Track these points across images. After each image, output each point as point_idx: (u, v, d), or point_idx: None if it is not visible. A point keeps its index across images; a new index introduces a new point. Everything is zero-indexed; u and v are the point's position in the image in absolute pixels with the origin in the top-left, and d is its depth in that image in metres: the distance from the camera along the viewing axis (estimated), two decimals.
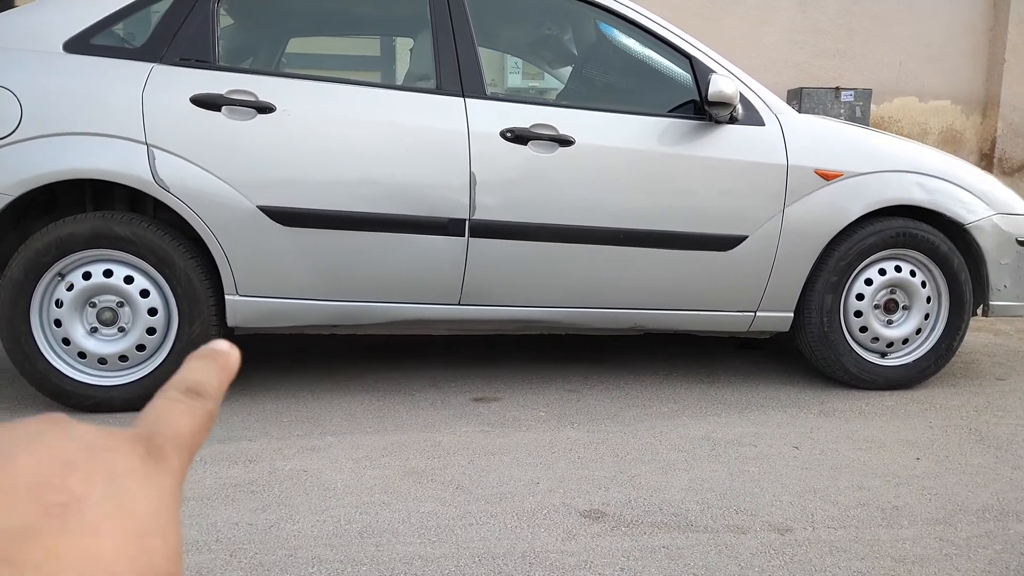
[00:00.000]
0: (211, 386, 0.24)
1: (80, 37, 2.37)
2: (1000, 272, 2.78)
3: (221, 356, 0.25)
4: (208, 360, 0.25)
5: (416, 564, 1.52)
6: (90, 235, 2.32)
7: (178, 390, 0.24)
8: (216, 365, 0.25)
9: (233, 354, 0.25)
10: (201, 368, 0.25)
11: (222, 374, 0.25)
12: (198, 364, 0.25)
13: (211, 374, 0.24)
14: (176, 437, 0.22)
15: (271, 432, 2.24)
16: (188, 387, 0.24)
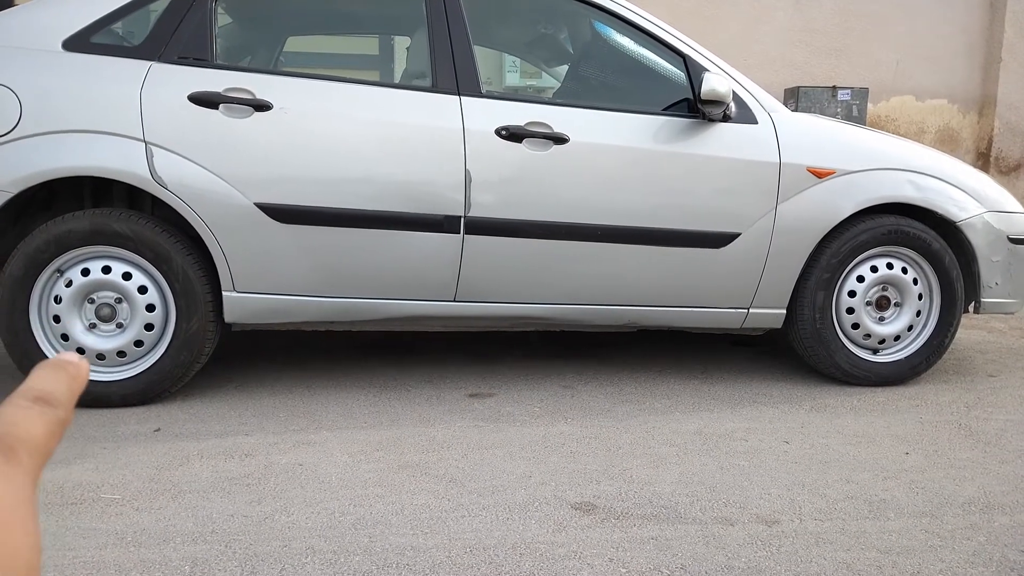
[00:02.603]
0: (60, 395, 0.25)
1: (79, 35, 2.40)
2: (991, 269, 2.80)
3: (71, 367, 0.26)
4: (57, 370, 0.25)
5: (408, 554, 1.54)
6: (89, 232, 2.34)
7: (26, 398, 0.24)
8: (66, 375, 0.25)
9: (83, 366, 0.26)
10: (49, 377, 0.25)
11: (72, 384, 0.25)
12: (46, 373, 0.25)
13: (60, 383, 0.25)
14: (27, 440, 0.23)
15: (267, 427, 2.27)
16: (36, 395, 0.24)
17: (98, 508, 1.73)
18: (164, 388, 2.43)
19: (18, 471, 0.21)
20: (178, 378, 2.43)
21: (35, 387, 0.25)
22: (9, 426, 0.23)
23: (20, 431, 0.23)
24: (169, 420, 2.32)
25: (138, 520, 1.68)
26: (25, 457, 0.22)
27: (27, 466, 0.22)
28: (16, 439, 0.22)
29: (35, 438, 0.23)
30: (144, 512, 1.71)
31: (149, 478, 1.89)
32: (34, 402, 0.24)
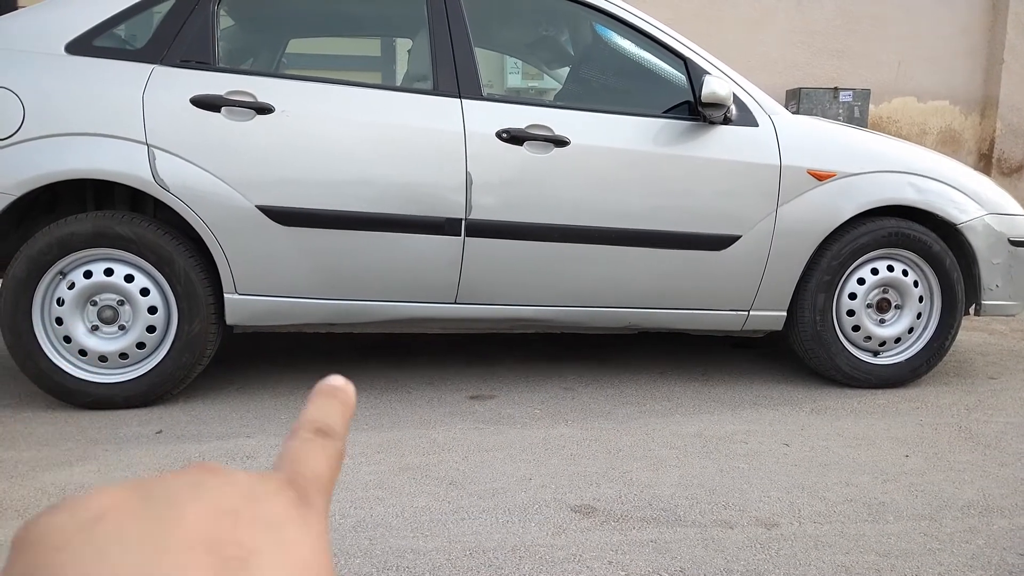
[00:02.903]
0: (337, 424, 0.24)
1: (82, 39, 2.41)
2: (992, 272, 2.80)
3: (341, 393, 0.25)
4: (330, 398, 0.25)
5: (408, 557, 1.55)
6: (91, 234, 2.36)
7: (309, 431, 0.24)
8: (338, 402, 0.25)
9: (350, 389, 0.26)
10: (326, 407, 0.25)
11: (344, 411, 0.25)
12: (322, 403, 0.25)
13: (335, 412, 0.25)
14: (317, 479, 0.22)
15: (269, 429, 2.28)
16: (318, 427, 0.24)
17: None
18: (166, 390, 2.44)
19: (312, 513, 0.21)
20: (180, 380, 2.44)
21: (315, 419, 0.24)
22: (298, 464, 0.22)
23: (308, 470, 0.22)
24: (171, 422, 2.33)
25: None
26: (316, 497, 0.22)
27: (319, 506, 0.22)
28: (308, 479, 0.22)
29: (322, 475, 0.23)
30: None
31: None
32: (316, 434, 0.23)
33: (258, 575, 0.18)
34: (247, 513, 0.19)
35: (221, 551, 0.18)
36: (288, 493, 0.21)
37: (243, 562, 0.18)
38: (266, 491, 0.20)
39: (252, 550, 0.18)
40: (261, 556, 0.18)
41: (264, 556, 0.18)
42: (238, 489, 0.20)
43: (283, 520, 0.19)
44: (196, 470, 0.21)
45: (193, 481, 0.20)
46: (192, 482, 0.20)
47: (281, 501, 0.20)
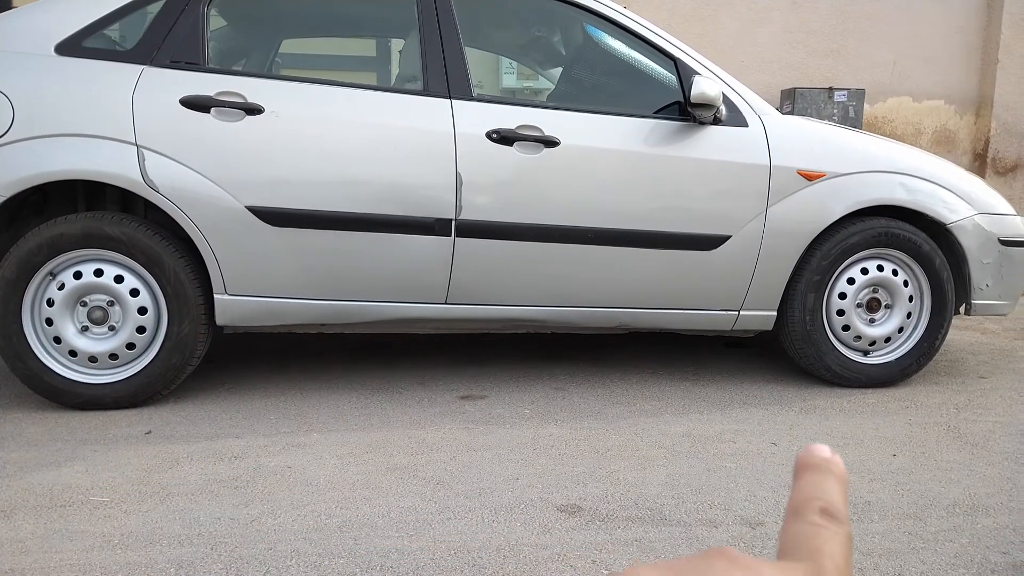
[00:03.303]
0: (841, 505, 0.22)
1: (72, 40, 2.41)
2: (982, 271, 2.81)
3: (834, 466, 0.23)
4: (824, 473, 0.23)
5: (392, 557, 1.55)
6: (81, 235, 2.36)
7: (814, 512, 0.22)
8: (834, 478, 0.23)
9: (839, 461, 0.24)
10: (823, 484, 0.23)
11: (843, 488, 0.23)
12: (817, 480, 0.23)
13: (835, 490, 0.22)
14: (839, 570, 0.20)
15: (258, 429, 2.28)
16: (823, 508, 0.22)
17: (86, 511, 1.74)
18: (156, 391, 2.44)
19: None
20: (170, 381, 2.44)
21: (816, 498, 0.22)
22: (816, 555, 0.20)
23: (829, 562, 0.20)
24: (160, 422, 2.33)
25: (125, 522, 1.69)
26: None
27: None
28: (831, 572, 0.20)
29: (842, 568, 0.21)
30: (132, 514, 1.72)
31: (138, 480, 1.91)
32: (822, 518, 0.21)
33: None
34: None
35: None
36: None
37: None
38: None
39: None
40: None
41: None
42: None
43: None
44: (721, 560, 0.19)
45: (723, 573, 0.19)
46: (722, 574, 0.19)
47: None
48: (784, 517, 0.21)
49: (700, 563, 0.19)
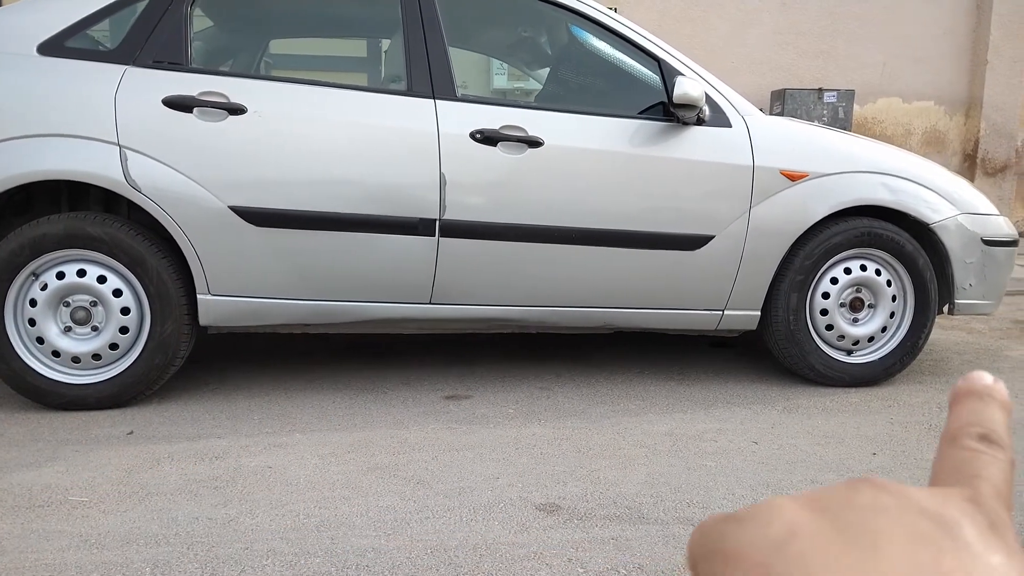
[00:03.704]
0: (1003, 431, 0.21)
1: (54, 40, 2.41)
2: (965, 271, 2.82)
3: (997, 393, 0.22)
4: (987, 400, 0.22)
5: (369, 556, 1.55)
6: (63, 235, 2.36)
7: (972, 438, 0.21)
8: (996, 405, 0.22)
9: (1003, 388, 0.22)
10: (984, 410, 0.21)
11: (1006, 415, 0.21)
12: (978, 406, 0.21)
13: (997, 417, 0.21)
14: (999, 495, 0.19)
15: (240, 429, 2.28)
16: (982, 434, 0.21)
17: (64, 510, 1.74)
18: (139, 391, 2.44)
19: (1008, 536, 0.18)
20: (153, 381, 2.44)
21: (975, 423, 0.21)
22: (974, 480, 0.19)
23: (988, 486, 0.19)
24: (143, 423, 2.33)
25: (103, 522, 1.69)
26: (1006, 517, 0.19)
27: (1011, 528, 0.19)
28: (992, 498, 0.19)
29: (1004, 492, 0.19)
30: (110, 514, 1.72)
31: (118, 481, 1.90)
32: (981, 443, 0.20)
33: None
34: (945, 540, 0.17)
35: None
36: (978, 516, 0.18)
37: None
38: (955, 515, 0.18)
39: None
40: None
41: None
42: (925, 513, 0.18)
43: (985, 548, 0.17)
44: (867, 488, 0.19)
45: (873, 501, 0.18)
46: (872, 503, 0.18)
47: (975, 525, 0.18)
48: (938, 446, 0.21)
49: (845, 491, 0.19)
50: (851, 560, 0.17)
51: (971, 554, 0.17)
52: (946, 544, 0.17)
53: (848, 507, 0.18)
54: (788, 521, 0.18)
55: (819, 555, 0.17)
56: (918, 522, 0.18)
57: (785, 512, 0.19)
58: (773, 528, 0.18)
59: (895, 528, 0.17)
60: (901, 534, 0.17)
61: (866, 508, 0.18)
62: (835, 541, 0.17)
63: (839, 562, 0.17)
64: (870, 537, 0.17)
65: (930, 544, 0.17)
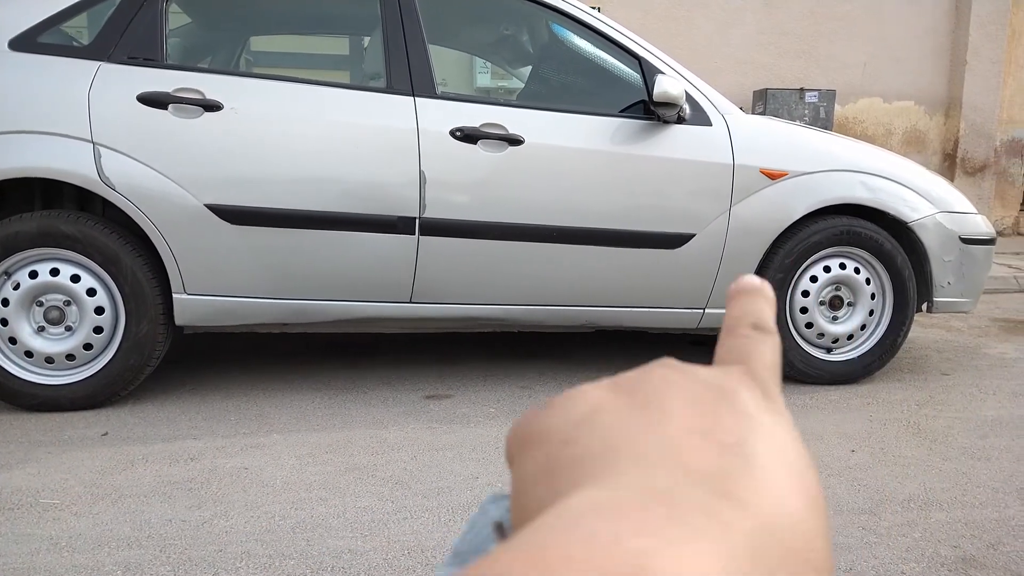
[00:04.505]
0: (770, 321, 0.23)
1: (26, 35, 2.37)
2: (944, 269, 2.84)
3: (764, 289, 0.24)
4: (754, 295, 0.24)
5: (344, 557, 1.54)
6: (36, 234, 2.32)
7: (746, 327, 0.23)
8: (764, 300, 0.24)
9: (769, 287, 0.25)
10: (753, 304, 0.24)
11: (771, 308, 0.24)
12: (747, 300, 0.24)
13: (764, 308, 0.24)
14: (771, 370, 0.21)
15: (217, 430, 2.25)
16: (753, 323, 0.23)
17: (35, 513, 1.71)
18: (114, 392, 2.40)
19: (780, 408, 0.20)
20: (128, 381, 2.41)
21: (747, 314, 0.23)
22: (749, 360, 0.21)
23: (760, 364, 0.21)
24: (118, 424, 2.29)
25: (75, 525, 1.66)
26: (774, 388, 0.21)
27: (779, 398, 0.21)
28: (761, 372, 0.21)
29: (774, 367, 0.22)
30: (82, 517, 1.69)
31: (91, 483, 1.87)
32: (754, 331, 0.23)
33: (756, 457, 0.17)
34: (724, 405, 0.19)
35: (717, 436, 0.18)
36: (751, 386, 0.20)
37: (740, 447, 0.18)
38: (731, 385, 0.20)
39: (742, 438, 0.18)
40: (752, 443, 0.18)
41: (755, 441, 0.18)
42: (708, 384, 0.20)
43: (758, 410, 0.19)
44: (658, 368, 0.21)
45: (662, 377, 0.20)
46: (662, 378, 0.20)
47: (750, 392, 0.20)
48: (719, 337, 0.23)
49: (640, 373, 0.21)
50: (643, 425, 0.18)
51: (746, 415, 0.19)
52: (724, 408, 0.19)
53: (642, 384, 0.20)
54: (590, 401, 0.20)
55: (615, 424, 0.19)
56: (702, 392, 0.19)
57: (588, 394, 0.20)
58: (576, 409, 0.20)
59: (682, 397, 0.19)
60: (687, 402, 0.19)
61: (658, 383, 0.20)
62: (630, 412, 0.19)
63: (632, 428, 0.18)
64: (659, 405, 0.19)
65: (711, 408, 0.19)
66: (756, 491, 0.17)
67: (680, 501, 0.16)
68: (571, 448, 0.19)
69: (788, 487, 0.17)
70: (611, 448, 0.18)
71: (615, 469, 0.17)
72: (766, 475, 0.17)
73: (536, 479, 0.19)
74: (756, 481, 0.17)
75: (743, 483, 0.17)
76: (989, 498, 1.88)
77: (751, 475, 0.17)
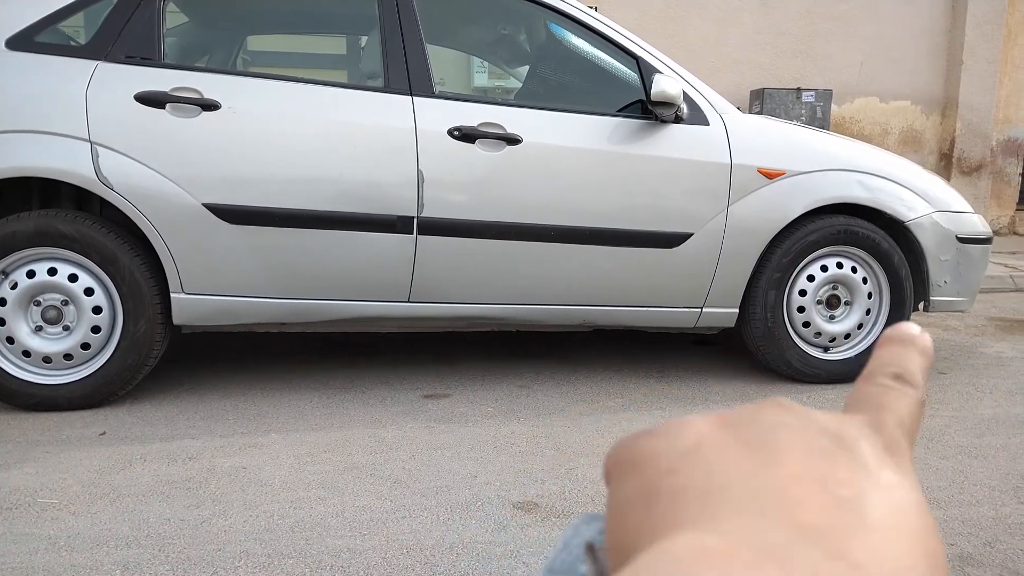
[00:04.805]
0: (917, 373, 0.22)
1: (24, 34, 2.37)
2: (940, 268, 2.84)
3: (919, 341, 0.23)
4: (907, 346, 0.23)
5: (343, 556, 1.54)
6: (34, 233, 2.31)
7: (886, 376, 0.22)
8: (916, 351, 0.23)
9: (928, 338, 0.23)
10: (902, 353, 0.23)
11: (924, 361, 0.23)
12: (898, 350, 0.23)
13: (914, 360, 0.22)
14: (902, 426, 0.20)
15: (215, 430, 2.25)
16: (896, 373, 0.22)
17: (33, 513, 1.71)
18: (112, 391, 2.40)
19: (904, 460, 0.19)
20: (126, 381, 2.41)
21: (892, 363, 0.22)
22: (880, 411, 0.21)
23: (891, 416, 0.20)
24: (116, 423, 2.29)
25: (73, 524, 1.66)
26: (904, 444, 0.20)
27: (908, 455, 0.20)
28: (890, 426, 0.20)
29: (906, 423, 0.21)
30: (80, 516, 1.69)
31: (89, 482, 1.87)
32: (895, 380, 0.22)
33: (874, 514, 0.17)
34: (842, 455, 0.18)
35: (832, 488, 0.17)
36: (875, 438, 0.19)
37: (856, 501, 0.17)
38: (854, 434, 0.19)
39: (860, 490, 0.17)
40: (871, 496, 0.17)
41: (873, 496, 0.17)
42: (824, 430, 0.19)
43: (878, 464, 0.18)
44: (772, 407, 0.20)
45: (776, 418, 0.19)
46: (776, 419, 0.19)
47: (871, 446, 0.19)
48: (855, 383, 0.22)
49: (752, 410, 0.20)
50: (751, 466, 0.18)
51: (865, 469, 0.18)
52: (842, 458, 0.18)
53: (753, 423, 0.19)
54: (697, 433, 0.19)
55: (722, 461, 0.18)
56: (817, 438, 0.19)
57: (695, 426, 0.20)
58: (682, 439, 0.19)
59: (795, 442, 0.18)
60: (800, 447, 0.18)
61: (770, 424, 0.19)
62: (738, 450, 0.18)
63: (740, 467, 0.18)
64: (771, 448, 0.18)
65: (827, 457, 0.18)
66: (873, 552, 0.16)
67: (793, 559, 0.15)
68: (674, 478, 0.18)
69: (906, 549, 0.16)
70: (716, 486, 0.17)
71: (720, 510, 0.17)
72: (884, 535, 0.16)
73: (634, 504, 0.18)
74: (872, 541, 0.16)
75: (858, 542, 0.16)
76: (986, 496, 1.89)
77: (867, 534, 0.16)
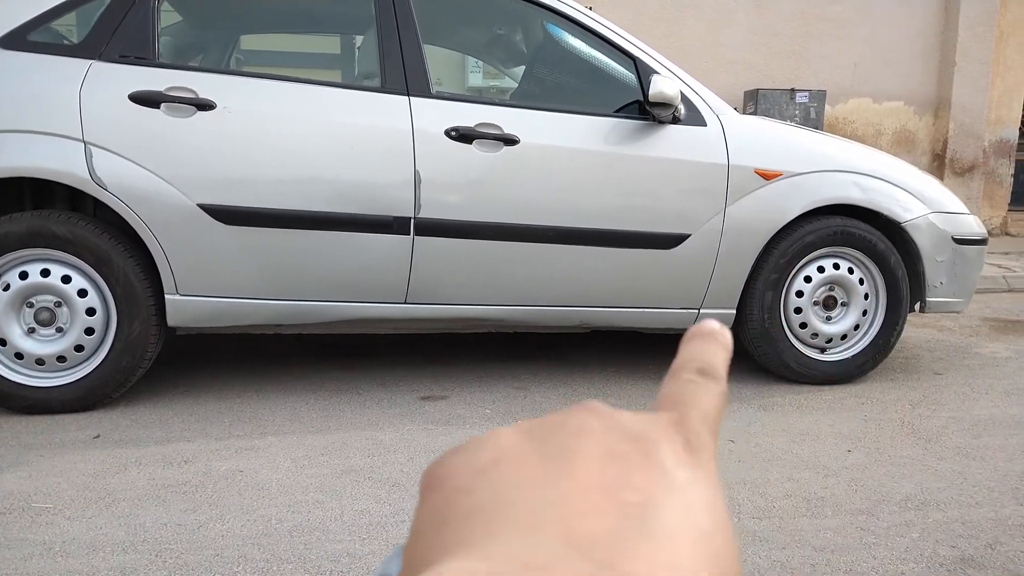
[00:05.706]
0: (719, 366, 0.23)
1: (16, 33, 2.34)
2: (936, 269, 2.85)
3: (720, 335, 0.24)
4: (709, 340, 0.24)
5: (343, 561, 1.52)
6: (26, 234, 2.29)
7: (691, 371, 0.22)
8: (718, 344, 0.23)
9: (727, 333, 0.24)
10: (705, 348, 0.23)
11: (725, 353, 0.23)
12: (701, 345, 0.23)
13: (716, 354, 0.23)
14: (705, 420, 0.21)
15: (211, 433, 2.23)
16: (699, 368, 0.22)
17: (28, 517, 1.69)
18: (106, 394, 2.38)
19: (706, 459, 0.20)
20: (120, 383, 2.38)
21: (695, 359, 0.23)
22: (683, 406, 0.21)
23: (695, 410, 0.21)
24: (110, 426, 2.27)
25: (68, 529, 1.64)
26: (706, 438, 0.20)
27: (709, 449, 0.20)
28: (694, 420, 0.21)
29: (710, 416, 0.21)
30: (75, 521, 1.67)
31: (83, 486, 1.85)
32: (699, 375, 0.22)
33: (657, 520, 0.17)
34: (638, 458, 0.18)
35: (619, 495, 0.17)
36: (676, 437, 0.20)
37: (641, 507, 0.17)
38: (651, 434, 0.19)
39: (648, 495, 0.17)
40: (658, 501, 0.17)
41: (661, 500, 0.17)
42: (626, 433, 0.19)
43: (675, 464, 0.19)
44: (581, 412, 0.20)
45: (580, 424, 0.19)
46: (579, 425, 0.19)
47: (668, 444, 0.19)
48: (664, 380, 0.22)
49: (560, 416, 0.20)
50: (543, 478, 0.18)
51: (660, 470, 0.18)
52: (638, 461, 0.18)
53: (557, 430, 0.19)
54: (498, 447, 0.19)
55: (516, 476, 0.18)
56: (617, 443, 0.19)
57: (499, 439, 0.19)
58: (481, 455, 0.19)
59: (593, 448, 0.18)
60: (597, 453, 0.18)
61: (572, 431, 0.19)
62: (534, 463, 0.18)
63: (531, 481, 0.18)
64: (568, 457, 0.18)
65: (623, 461, 0.18)
66: (649, 560, 0.16)
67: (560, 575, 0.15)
68: (467, 498, 0.18)
69: (688, 554, 0.16)
70: (502, 504, 0.17)
71: (501, 529, 0.16)
72: (664, 542, 0.16)
73: (428, 527, 0.18)
74: (651, 548, 0.16)
75: (636, 551, 0.16)
76: (985, 498, 1.89)
77: (647, 542, 0.16)
